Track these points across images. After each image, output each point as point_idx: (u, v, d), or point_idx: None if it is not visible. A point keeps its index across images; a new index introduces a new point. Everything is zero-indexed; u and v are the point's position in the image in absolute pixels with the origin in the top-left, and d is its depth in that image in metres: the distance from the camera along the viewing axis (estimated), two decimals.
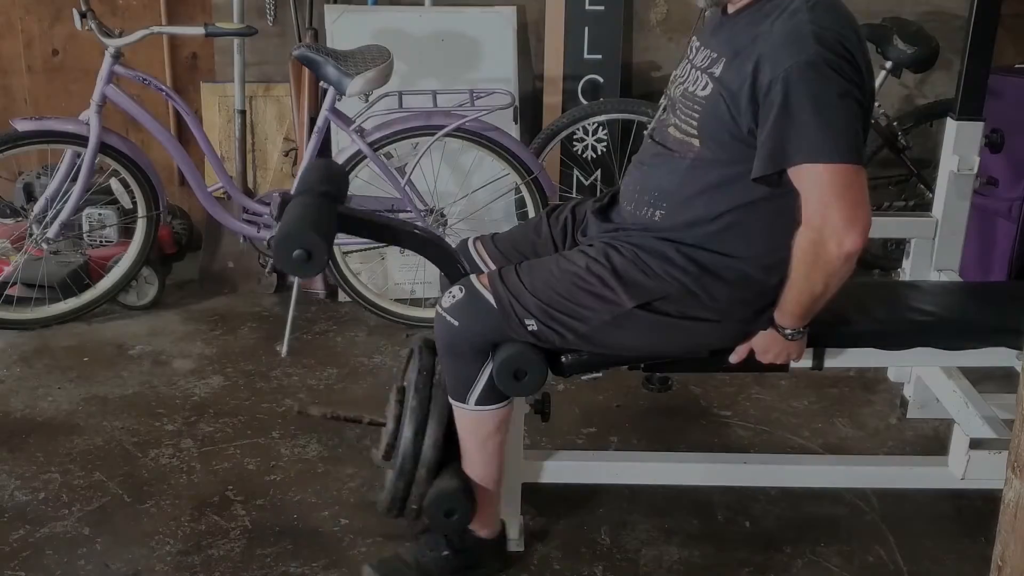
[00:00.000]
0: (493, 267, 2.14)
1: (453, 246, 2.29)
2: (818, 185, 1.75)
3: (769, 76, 1.75)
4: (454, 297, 1.98)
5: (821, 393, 2.95)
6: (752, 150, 1.81)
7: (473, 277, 2.01)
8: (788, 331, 1.95)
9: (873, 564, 2.24)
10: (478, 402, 2.00)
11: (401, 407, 2.07)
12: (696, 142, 1.90)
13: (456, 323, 1.96)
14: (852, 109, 1.75)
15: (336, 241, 3.25)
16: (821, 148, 1.73)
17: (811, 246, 1.78)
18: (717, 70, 1.87)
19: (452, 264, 2.11)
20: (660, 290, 1.93)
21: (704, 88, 1.88)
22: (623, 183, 2.10)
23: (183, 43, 3.81)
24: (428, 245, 2.12)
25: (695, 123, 1.89)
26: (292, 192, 2.03)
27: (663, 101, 2.07)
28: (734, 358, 2.04)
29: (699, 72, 1.92)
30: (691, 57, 1.99)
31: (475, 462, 2.08)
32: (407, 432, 2.03)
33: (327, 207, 1.96)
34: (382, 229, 2.15)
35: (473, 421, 2.03)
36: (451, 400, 2.03)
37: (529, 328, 1.95)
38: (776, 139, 1.76)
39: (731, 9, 1.93)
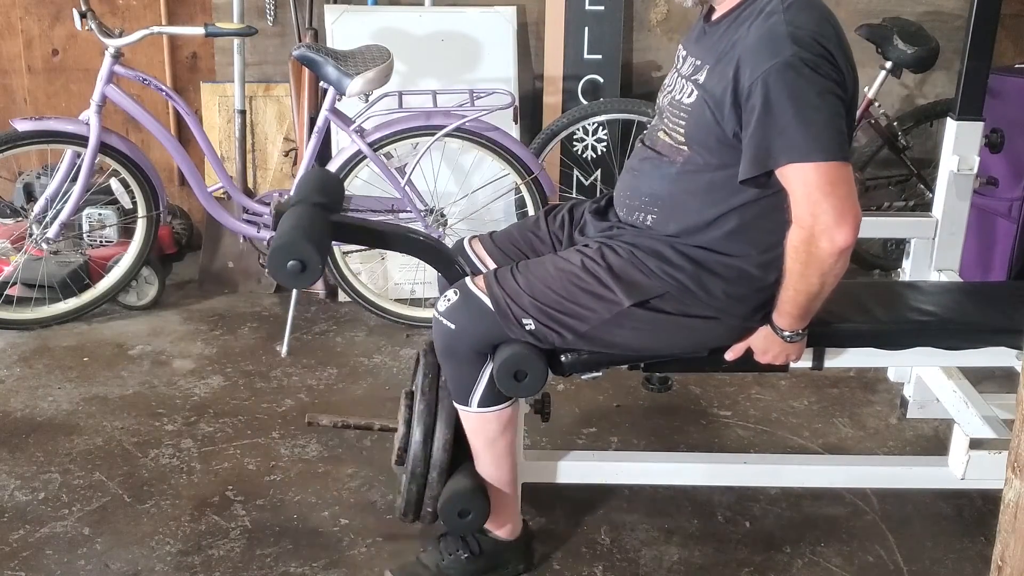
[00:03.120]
0: (492, 266, 2.14)
1: (451, 247, 2.29)
2: (805, 184, 1.75)
3: (749, 79, 1.76)
4: (449, 300, 1.98)
5: (821, 393, 2.95)
6: (739, 153, 1.82)
7: (468, 280, 2.01)
8: (786, 333, 1.95)
9: (873, 564, 2.24)
10: (480, 404, 2.00)
11: (410, 411, 2.08)
12: (685, 148, 1.91)
13: (453, 326, 1.96)
14: (833, 106, 1.76)
15: (336, 241, 3.27)
16: (805, 148, 1.74)
17: (803, 245, 1.79)
18: (701, 77, 1.88)
19: (450, 266, 2.12)
20: (657, 288, 1.93)
21: (690, 96, 1.90)
22: (616, 188, 2.11)
23: (183, 43, 3.81)
24: (424, 249, 2.13)
25: (682, 130, 1.91)
26: (287, 202, 2.05)
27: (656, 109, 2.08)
28: (730, 355, 2.04)
29: (685, 80, 1.94)
30: (678, 66, 2.01)
31: (485, 462, 2.08)
32: (416, 436, 2.04)
33: (321, 217, 1.97)
34: (376, 235, 2.16)
35: (478, 423, 2.03)
36: (455, 403, 2.04)
37: (527, 328, 1.95)
38: (760, 141, 1.77)
39: (714, 16, 1.95)
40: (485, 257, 2.19)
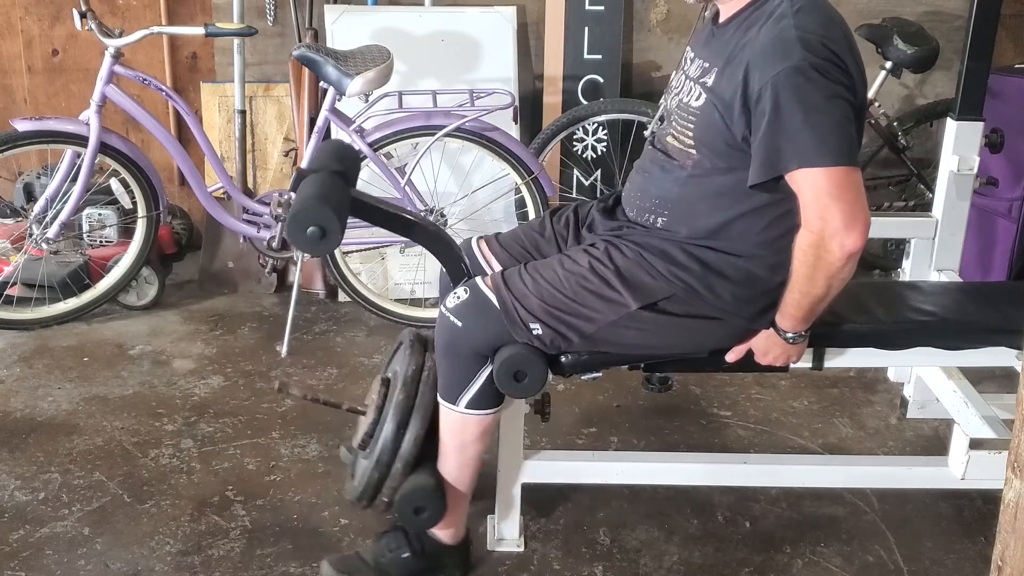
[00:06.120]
0: (498, 267, 2.14)
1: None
2: (815, 189, 1.75)
3: (758, 83, 1.76)
4: (459, 298, 1.98)
5: (821, 393, 2.95)
6: (748, 157, 1.82)
7: (479, 279, 2.01)
8: (789, 334, 1.95)
9: (873, 564, 2.24)
10: (468, 405, 2.00)
11: (384, 399, 2.06)
12: (694, 151, 1.91)
13: (459, 324, 1.96)
14: (843, 111, 1.75)
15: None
16: (814, 152, 1.74)
17: (812, 248, 1.79)
18: (709, 80, 1.88)
19: (456, 263, 2.10)
20: (664, 290, 1.93)
21: (697, 98, 1.90)
22: (625, 188, 2.11)
23: (183, 43, 3.81)
24: (435, 240, 2.10)
25: (691, 133, 1.91)
26: (304, 169, 2.02)
27: (660, 110, 2.07)
28: (731, 357, 2.04)
29: (692, 82, 1.94)
30: (685, 68, 2.01)
31: (452, 464, 2.07)
32: (390, 425, 2.01)
33: (340, 185, 1.93)
34: (391, 218, 2.11)
35: (459, 423, 2.02)
36: (440, 400, 2.03)
37: (534, 332, 1.95)
38: (769, 146, 1.77)
39: (721, 18, 1.94)
40: (491, 258, 2.19)
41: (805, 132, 1.73)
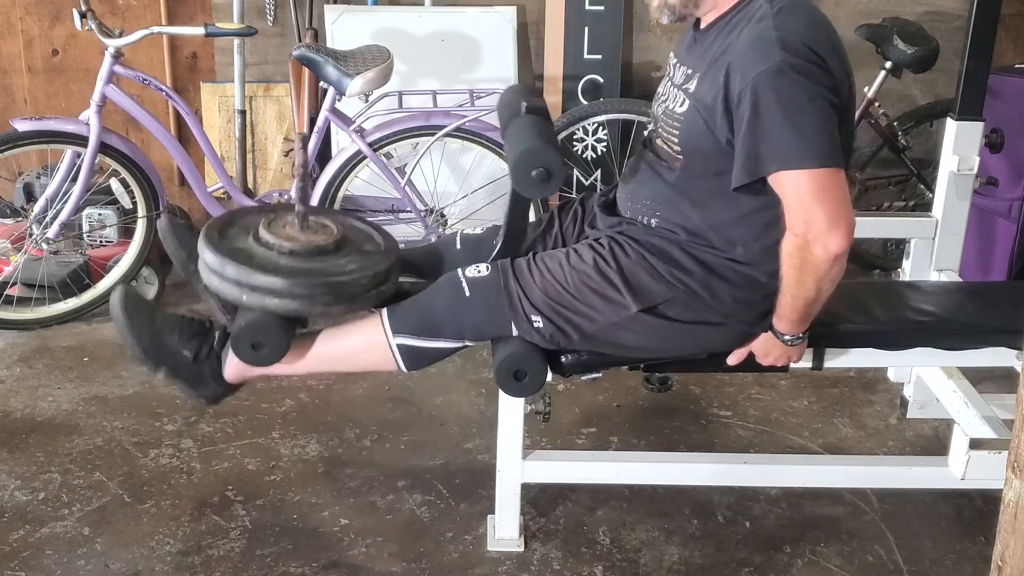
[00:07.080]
0: None
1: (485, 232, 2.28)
2: (796, 191, 1.75)
3: (739, 86, 1.76)
4: (479, 272, 1.98)
5: (821, 393, 2.95)
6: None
7: (504, 263, 2.00)
8: (787, 337, 1.95)
9: (873, 564, 2.24)
10: (401, 349, 1.99)
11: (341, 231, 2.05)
12: (681, 156, 1.92)
13: (467, 294, 1.96)
14: (824, 112, 1.75)
15: None
16: (795, 154, 1.73)
17: (797, 251, 1.79)
18: (691, 86, 1.89)
19: (517, 238, 2.07)
20: (666, 293, 1.93)
21: (681, 105, 1.90)
22: (618, 191, 2.11)
23: (183, 43, 3.81)
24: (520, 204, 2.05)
25: (676, 139, 1.92)
26: (513, 108, 1.98)
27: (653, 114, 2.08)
28: (732, 360, 2.04)
29: (676, 89, 1.95)
30: (670, 75, 2.02)
31: (329, 351, 2.08)
32: (373, 266, 1.98)
33: (549, 125, 1.92)
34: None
35: (376, 345, 2.01)
36: (385, 317, 2.01)
37: (535, 325, 1.95)
38: (750, 148, 1.77)
39: (703, 24, 1.94)
40: None
41: (785, 134, 1.73)
